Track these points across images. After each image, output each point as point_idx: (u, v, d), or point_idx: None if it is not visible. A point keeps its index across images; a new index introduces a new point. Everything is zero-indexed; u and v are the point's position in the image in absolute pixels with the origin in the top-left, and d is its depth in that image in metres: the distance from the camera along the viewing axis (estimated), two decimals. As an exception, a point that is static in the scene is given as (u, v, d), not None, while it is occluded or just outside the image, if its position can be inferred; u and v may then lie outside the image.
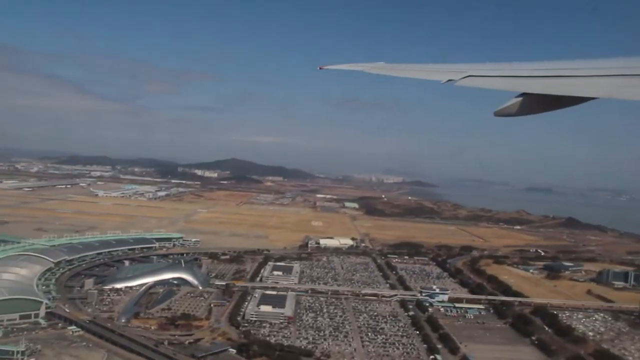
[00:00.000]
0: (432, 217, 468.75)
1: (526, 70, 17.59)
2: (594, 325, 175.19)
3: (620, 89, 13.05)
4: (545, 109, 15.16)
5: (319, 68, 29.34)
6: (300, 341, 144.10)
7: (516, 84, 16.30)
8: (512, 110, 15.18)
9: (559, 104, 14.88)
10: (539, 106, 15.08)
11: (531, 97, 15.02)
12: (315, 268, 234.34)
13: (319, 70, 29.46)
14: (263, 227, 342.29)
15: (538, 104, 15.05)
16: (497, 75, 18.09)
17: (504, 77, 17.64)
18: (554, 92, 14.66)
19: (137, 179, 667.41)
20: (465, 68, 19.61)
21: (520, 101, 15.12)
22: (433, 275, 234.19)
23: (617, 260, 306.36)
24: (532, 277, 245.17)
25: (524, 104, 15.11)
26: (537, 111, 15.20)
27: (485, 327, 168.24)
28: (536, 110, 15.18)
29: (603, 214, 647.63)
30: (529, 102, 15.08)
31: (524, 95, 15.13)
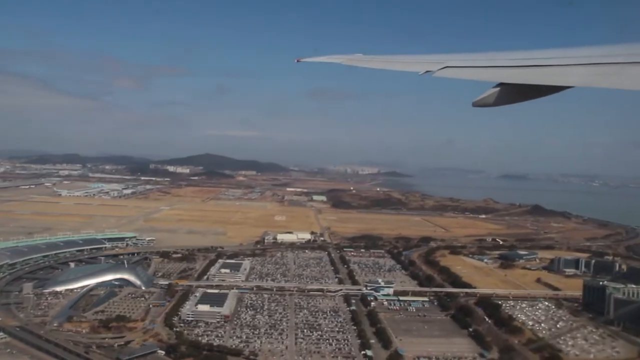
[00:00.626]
0: (399, 208, 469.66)
1: (503, 60, 17.56)
2: (535, 314, 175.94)
3: (596, 77, 13.14)
4: (523, 99, 15.30)
5: (296, 61, 29.15)
6: (233, 340, 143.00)
7: (494, 74, 16.38)
8: (490, 100, 15.26)
9: (537, 93, 14.99)
10: (517, 96, 15.20)
11: (509, 87, 15.10)
12: (267, 264, 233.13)
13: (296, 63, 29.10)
14: (224, 224, 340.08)
15: (516, 94, 15.16)
16: (474, 65, 18.10)
17: (481, 67, 17.63)
18: (531, 81, 14.75)
19: (106, 177, 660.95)
20: (442, 59, 19.65)
21: (497, 91, 15.19)
22: (385, 268, 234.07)
23: (574, 247, 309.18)
24: (485, 267, 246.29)
25: (502, 94, 15.19)
26: (515, 101, 15.30)
27: (425, 319, 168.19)
28: (514, 100, 15.29)
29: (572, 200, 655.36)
30: (506, 92, 15.17)
31: (502, 85, 15.20)
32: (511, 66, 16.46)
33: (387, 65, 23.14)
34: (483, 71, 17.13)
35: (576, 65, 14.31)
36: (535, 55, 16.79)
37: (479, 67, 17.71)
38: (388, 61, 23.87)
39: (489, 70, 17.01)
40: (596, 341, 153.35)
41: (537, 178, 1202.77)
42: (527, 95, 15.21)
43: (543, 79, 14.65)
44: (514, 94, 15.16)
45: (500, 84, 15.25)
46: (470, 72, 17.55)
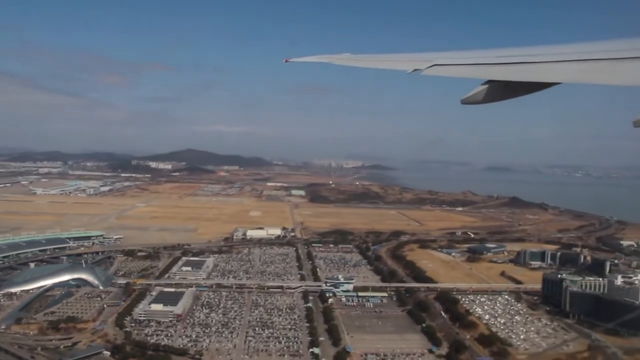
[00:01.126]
0: (376, 202, 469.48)
1: (491, 57, 17.55)
2: (493, 308, 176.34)
3: (583, 74, 13.31)
4: (512, 96, 15.34)
5: (285, 61, 28.67)
6: (182, 339, 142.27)
7: (482, 71, 16.40)
8: (479, 97, 15.33)
9: (525, 90, 15.02)
10: (505, 93, 15.26)
11: (497, 84, 15.16)
12: (232, 261, 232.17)
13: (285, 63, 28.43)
14: (197, 220, 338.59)
15: (504, 91, 15.22)
16: (462, 63, 18.28)
17: (469, 65, 17.81)
18: (519, 78, 14.81)
19: (86, 174, 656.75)
20: (431, 57, 19.56)
21: (486, 88, 15.26)
22: (351, 264, 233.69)
23: (545, 238, 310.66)
24: (452, 261, 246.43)
25: (490, 91, 15.25)
26: (504, 98, 15.39)
27: (381, 315, 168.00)
28: (502, 97, 15.37)
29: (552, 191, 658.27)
30: (495, 89, 15.23)
31: (490, 82, 15.26)
32: (499, 63, 16.55)
33: (375, 64, 23.46)
34: (471, 69, 17.31)
35: (564, 62, 14.44)
36: (523, 53, 16.94)
37: (467, 64, 17.95)
38: (376, 60, 24.21)
39: (477, 67, 17.16)
40: (549, 334, 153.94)
41: (522, 170, 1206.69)
42: (515, 92, 15.25)
43: (531, 76, 14.71)
44: (503, 91, 15.26)
45: (488, 81, 15.33)
46: (459, 69, 17.71)
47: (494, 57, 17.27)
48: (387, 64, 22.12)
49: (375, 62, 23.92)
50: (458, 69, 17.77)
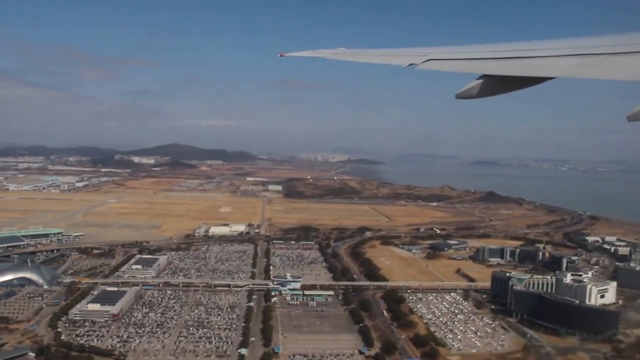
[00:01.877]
0: (352, 197, 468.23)
1: (486, 52, 17.69)
2: (438, 306, 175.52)
3: (577, 69, 13.37)
4: (506, 90, 15.49)
5: (280, 55, 29.31)
6: (112, 340, 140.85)
7: (476, 66, 16.51)
8: (473, 92, 15.40)
9: (519, 84, 15.15)
10: (500, 87, 15.36)
11: (492, 78, 15.23)
12: (187, 259, 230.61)
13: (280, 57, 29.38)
14: (164, 217, 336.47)
15: (499, 85, 15.32)
16: (457, 58, 18.26)
17: (464, 59, 17.77)
18: (513, 73, 14.94)
19: (66, 169, 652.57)
20: (426, 52, 19.75)
21: (481, 83, 15.33)
22: (307, 261, 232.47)
23: (511, 234, 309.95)
24: (411, 258, 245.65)
25: (485, 85, 15.33)
26: (498, 92, 15.48)
27: (322, 314, 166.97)
28: (497, 92, 15.45)
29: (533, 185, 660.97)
30: (489, 84, 15.31)
31: (485, 77, 15.32)
32: (494, 58, 16.59)
33: (371, 58, 23.43)
34: (466, 63, 17.34)
35: (558, 56, 14.54)
36: (517, 47, 17.03)
37: (462, 59, 17.90)
38: (372, 54, 24.38)
39: (472, 62, 17.18)
40: (487, 334, 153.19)
41: (509, 164, 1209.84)
42: (510, 87, 15.38)
43: (525, 70, 14.86)
44: (497, 86, 15.35)
45: (483, 75, 15.39)
46: (454, 64, 17.81)
47: (489, 52, 17.50)
48: (382, 59, 22.39)
49: (370, 56, 24.00)
50: (453, 63, 17.92)
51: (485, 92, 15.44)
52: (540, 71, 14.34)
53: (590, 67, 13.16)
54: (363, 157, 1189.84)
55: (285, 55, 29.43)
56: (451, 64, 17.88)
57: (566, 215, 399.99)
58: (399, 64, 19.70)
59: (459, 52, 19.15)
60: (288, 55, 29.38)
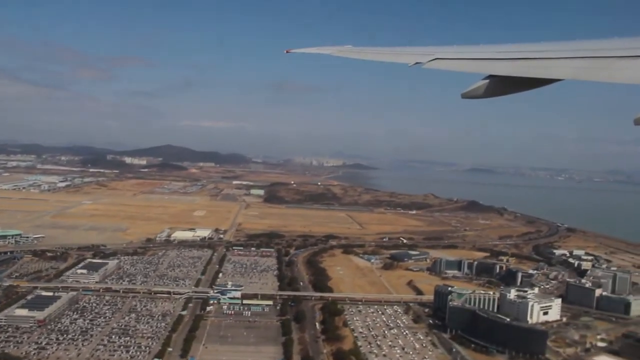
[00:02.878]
0: (331, 204, 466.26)
1: (493, 52, 17.62)
2: (375, 320, 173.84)
3: (584, 71, 13.26)
4: (512, 91, 15.41)
5: (286, 52, 29.12)
6: (29, 346, 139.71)
7: (483, 66, 16.47)
8: (479, 92, 15.37)
9: (526, 85, 15.05)
10: (506, 88, 15.31)
11: (498, 79, 15.19)
12: (140, 264, 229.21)
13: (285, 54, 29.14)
14: (134, 219, 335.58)
15: (505, 86, 15.26)
16: (464, 57, 18.17)
17: (471, 59, 17.69)
18: (520, 74, 14.81)
19: (54, 168, 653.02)
20: (432, 51, 19.76)
21: (487, 83, 15.28)
22: (259, 269, 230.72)
23: (481, 245, 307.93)
24: (367, 268, 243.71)
25: (491, 86, 15.28)
26: (504, 93, 15.40)
27: (253, 325, 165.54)
28: (503, 92, 15.38)
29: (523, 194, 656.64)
30: (495, 84, 15.25)
31: (491, 77, 15.28)
32: (501, 59, 16.55)
33: (377, 56, 23.47)
34: (473, 63, 17.25)
35: (566, 58, 14.44)
36: (524, 49, 16.95)
37: (468, 59, 17.84)
38: (378, 53, 24.26)
39: (478, 62, 17.12)
40: (414, 350, 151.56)
41: (506, 171, 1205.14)
42: (516, 88, 15.31)
43: (532, 71, 14.74)
44: (503, 86, 15.28)
45: (489, 76, 15.34)
46: (460, 64, 17.71)
47: (495, 52, 17.42)
48: (388, 57, 22.30)
49: (376, 54, 23.97)
50: (459, 63, 17.82)
51: (491, 93, 15.42)
52: (547, 73, 14.34)
53: (598, 69, 13.04)
54: (359, 162, 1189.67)
55: (291, 51, 29.31)
56: (457, 64, 17.83)
57: (544, 227, 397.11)
58: (405, 63, 19.70)
59: (465, 52, 19.08)
60: (294, 52, 29.30)
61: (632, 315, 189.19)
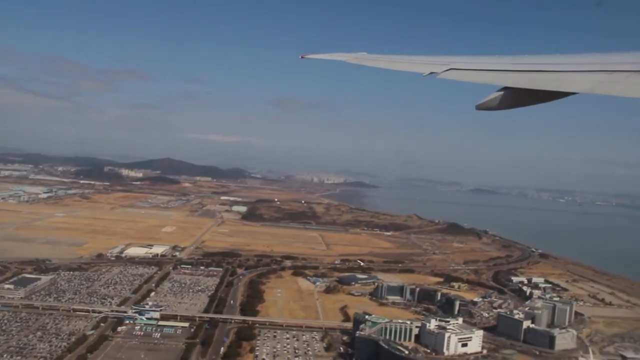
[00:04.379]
0: (309, 223, 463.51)
1: (509, 64, 17.47)
2: (285, 346, 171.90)
3: (600, 85, 13.17)
4: (526, 103, 15.30)
5: (301, 57, 29.31)
6: None
7: (498, 77, 16.40)
8: (494, 103, 15.36)
9: (540, 98, 14.96)
10: (521, 100, 15.25)
11: (513, 91, 15.15)
12: (76, 280, 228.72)
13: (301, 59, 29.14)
14: (97, 234, 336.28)
15: (519, 98, 15.20)
16: (479, 68, 18.20)
17: (486, 70, 17.69)
18: (535, 86, 14.76)
19: (45, 179, 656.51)
20: (447, 60, 19.71)
21: (501, 95, 15.27)
22: (196, 289, 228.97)
23: (438, 271, 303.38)
24: (308, 291, 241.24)
25: (506, 97, 15.25)
26: (518, 105, 15.37)
27: (156, 347, 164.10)
28: (517, 104, 15.36)
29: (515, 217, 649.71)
30: (510, 96, 15.22)
31: (506, 89, 15.26)
32: (516, 70, 16.52)
33: (391, 65, 23.42)
34: (488, 74, 17.18)
35: (582, 72, 14.36)
36: (540, 60, 16.99)
37: (483, 70, 17.81)
38: (393, 61, 24.13)
39: (493, 73, 17.04)
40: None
41: (509, 192, 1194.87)
42: (530, 100, 15.18)
43: (548, 84, 14.68)
44: (518, 98, 15.21)
45: (504, 87, 15.31)
46: (475, 74, 17.68)
47: (511, 64, 17.26)
48: (403, 66, 22.20)
49: (391, 62, 23.87)
50: (474, 74, 17.79)
51: (506, 104, 15.33)
52: (562, 86, 14.18)
53: (613, 83, 12.92)
54: (362, 180, 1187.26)
55: (306, 57, 29.33)
56: (472, 75, 17.75)
57: (518, 252, 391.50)
58: (419, 72, 19.64)
59: (480, 63, 18.94)
60: (309, 57, 29.27)
61: (556, 350, 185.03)
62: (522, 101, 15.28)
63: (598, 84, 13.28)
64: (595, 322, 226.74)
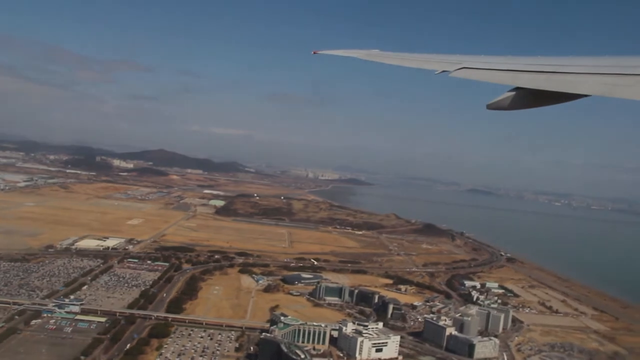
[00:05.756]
0: (282, 219, 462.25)
1: (521, 64, 17.49)
2: (195, 345, 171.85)
3: (611, 88, 13.20)
4: (537, 104, 15.38)
5: (313, 52, 29.54)
6: None
7: (510, 77, 16.48)
8: (505, 103, 15.40)
9: (551, 99, 15.06)
10: (532, 101, 15.31)
11: (525, 91, 15.17)
12: (14, 271, 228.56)
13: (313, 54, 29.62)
14: (59, 225, 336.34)
15: (531, 99, 15.25)
16: (491, 68, 18.20)
17: (498, 70, 17.73)
18: (547, 87, 14.75)
19: (32, 167, 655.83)
20: (459, 59, 19.87)
21: (513, 95, 15.32)
22: (132, 284, 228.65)
23: (393, 272, 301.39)
24: (247, 289, 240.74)
25: (517, 98, 15.30)
26: (529, 106, 15.43)
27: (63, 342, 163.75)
28: (528, 105, 15.42)
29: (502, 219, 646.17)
30: (522, 97, 15.26)
31: (518, 89, 15.31)
32: (529, 71, 16.48)
33: (404, 62, 23.53)
34: (500, 74, 17.25)
35: (595, 74, 14.32)
36: (553, 62, 16.85)
37: (495, 69, 17.80)
38: (405, 58, 24.38)
39: (506, 73, 17.09)
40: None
41: (506, 194, 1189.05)
42: (542, 101, 15.24)
43: (560, 86, 14.66)
44: (529, 99, 15.24)
45: (516, 88, 15.35)
46: (487, 74, 17.70)
47: (523, 65, 17.24)
48: (415, 63, 22.35)
49: (404, 60, 23.93)
50: (486, 73, 17.79)
51: (517, 105, 15.33)
52: (574, 88, 14.13)
53: (625, 87, 12.91)
54: (357, 177, 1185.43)
55: (318, 52, 29.32)
56: (484, 74, 17.76)
57: (487, 255, 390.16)
58: (432, 70, 19.75)
59: (492, 62, 18.87)
60: (321, 53, 29.26)
61: (475, 358, 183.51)
62: (533, 102, 15.32)
63: (610, 86, 13.26)
64: (532, 331, 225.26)
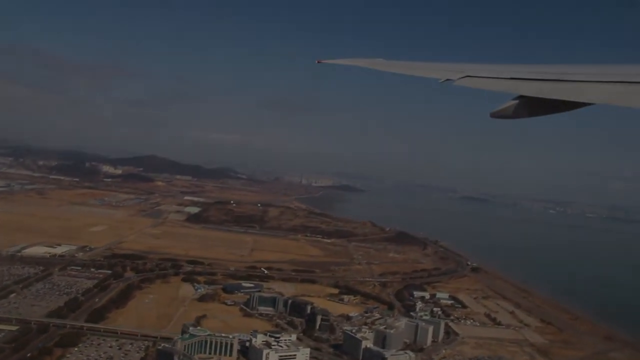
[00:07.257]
0: (253, 226, 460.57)
1: (525, 72, 17.54)
2: (99, 354, 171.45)
3: (617, 96, 13.17)
4: (542, 113, 15.38)
5: (317, 62, 29.24)
6: None
7: (514, 86, 16.47)
8: (509, 112, 15.41)
9: (556, 108, 15.05)
10: (536, 109, 15.30)
11: (529, 100, 15.18)
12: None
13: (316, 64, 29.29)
14: (16, 232, 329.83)
15: (535, 107, 15.24)
16: (495, 76, 18.26)
17: (502, 78, 17.75)
18: (552, 96, 14.76)
19: (15, 172, 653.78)
20: (463, 68, 19.99)
21: (516, 104, 15.32)
22: (63, 292, 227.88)
23: (343, 282, 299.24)
24: (181, 298, 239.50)
25: (521, 106, 15.29)
26: (533, 114, 15.46)
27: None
28: (532, 113, 15.42)
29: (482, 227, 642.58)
30: (526, 105, 15.28)
31: (522, 97, 15.29)
32: (533, 79, 16.53)
33: (407, 70, 23.68)
34: (504, 82, 17.26)
35: (600, 82, 14.27)
36: (557, 70, 16.87)
37: (499, 78, 17.84)
38: (409, 67, 24.71)
39: (510, 81, 17.06)
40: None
41: (502, 201, 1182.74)
42: (546, 109, 15.25)
43: (565, 94, 14.67)
44: (533, 107, 15.24)
45: (519, 96, 15.32)
46: (491, 82, 17.80)
47: (527, 73, 17.28)
48: (419, 72, 22.46)
49: (407, 69, 24.12)
50: (490, 81, 17.85)
51: (521, 113, 15.29)
52: (579, 96, 14.10)
53: (631, 95, 12.91)
54: (352, 184, 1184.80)
55: (322, 62, 29.15)
56: (488, 82, 17.81)
57: (452, 264, 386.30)
58: (435, 78, 19.68)
59: (496, 70, 18.90)
60: (325, 63, 29.17)
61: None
62: (537, 110, 15.22)
63: (615, 95, 13.19)
64: (465, 343, 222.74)
